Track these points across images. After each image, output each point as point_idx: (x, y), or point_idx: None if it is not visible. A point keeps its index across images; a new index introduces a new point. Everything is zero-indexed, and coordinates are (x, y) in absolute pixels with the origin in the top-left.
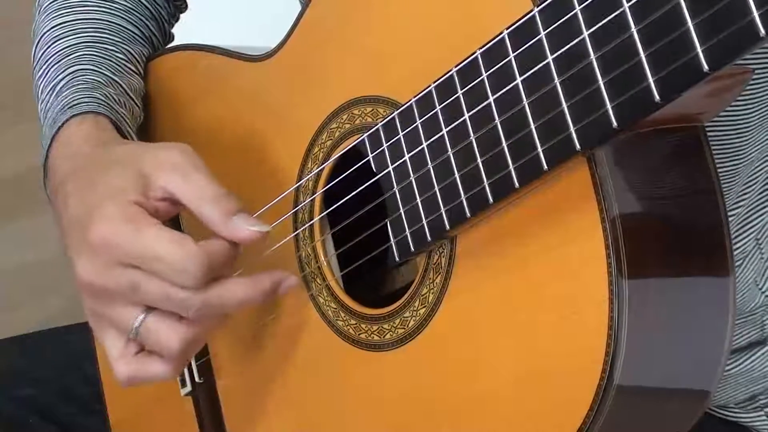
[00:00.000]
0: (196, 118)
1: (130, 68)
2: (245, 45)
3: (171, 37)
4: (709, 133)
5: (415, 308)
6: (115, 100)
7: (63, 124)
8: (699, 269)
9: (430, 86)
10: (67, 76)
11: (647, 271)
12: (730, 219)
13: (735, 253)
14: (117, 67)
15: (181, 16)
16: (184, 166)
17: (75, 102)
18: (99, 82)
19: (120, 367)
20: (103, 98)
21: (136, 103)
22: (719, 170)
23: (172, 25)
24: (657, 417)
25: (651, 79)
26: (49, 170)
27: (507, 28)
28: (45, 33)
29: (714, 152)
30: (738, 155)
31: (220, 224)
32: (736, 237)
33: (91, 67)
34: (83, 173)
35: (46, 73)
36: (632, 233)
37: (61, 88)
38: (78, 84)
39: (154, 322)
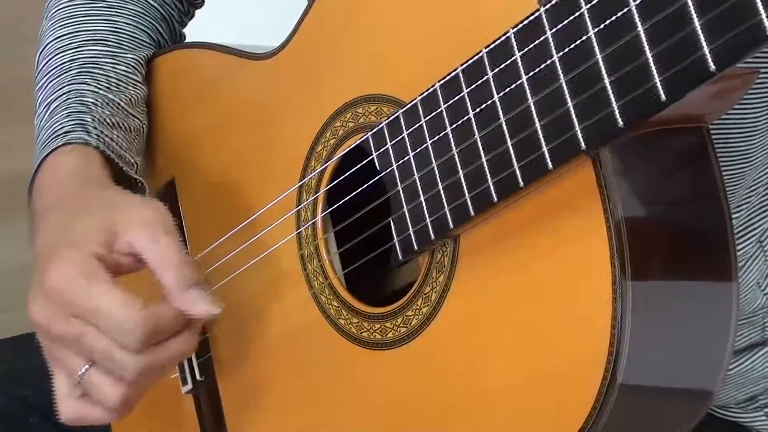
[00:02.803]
0: (200, 116)
1: (133, 79)
2: (250, 44)
3: (182, 37)
4: (715, 136)
5: (417, 307)
6: (107, 123)
7: (52, 151)
8: (703, 273)
9: (435, 85)
10: (62, 95)
11: (651, 272)
12: (733, 221)
13: (738, 255)
14: (116, 81)
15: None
16: (154, 227)
17: (66, 129)
18: (92, 103)
19: (64, 406)
20: (94, 123)
21: (136, 116)
22: (725, 173)
23: (184, 24)
24: (659, 416)
25: (657, 79)
26: (34, 192)
27: (513, 27)
28: (48, 44)
29: (720, 155)
30: (744, 158)
31: (176, 294)
32: (738, 239)
33: (87, 87)
34: (60, 213)
35: (45, 87)
36: (636, 234)
37: (55, 108)
38: (71, 107)
39: (97, 375)
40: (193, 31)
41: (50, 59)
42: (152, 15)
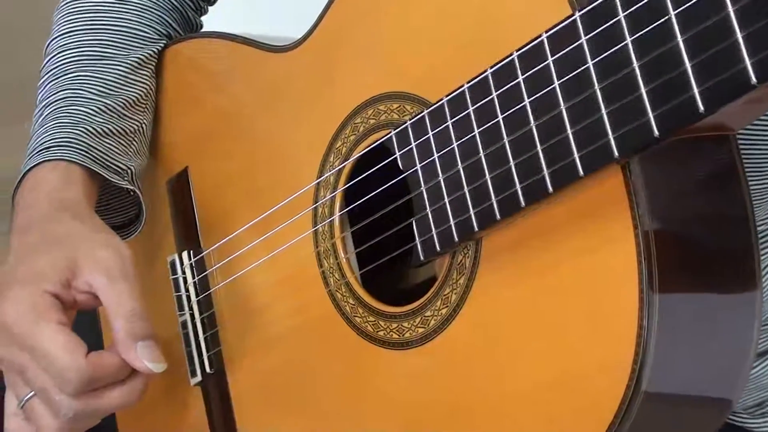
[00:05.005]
0: (214, 107)
1: (131, 79)
2: (269, 35)
3: (198, 27)
4: (745, 151)
5: (436, 308)
6: (98, 132)
7: (37, 164)
8: (727, 282)
9: (463, 86)
10: (57, 101)
11: (676, 281)
12: (759, 231)
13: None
14: (113, 83)
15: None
16: (114, 271)
17: (51, 143)
18: (84, 112)
19: (11, 423)
20: (83, 135)
21: (133, 118)
22: (754, 187)
23: (203, 12)
24: (680, 424)
25: (696, 90)
26: (16, 205)
27: (546, 32)
28: (53, 39)
29: (749, 169)
30: None
31: (123, 344)
32: (763, 247)
33: (82, 92)
34: (25, 237)
35: (44, 86)
36: (663, 243)
37: (47, 115)
38: (61, 116)
39: (38, 405)
40: (207, 21)
41: (52, 57)
42: (161, 6)
